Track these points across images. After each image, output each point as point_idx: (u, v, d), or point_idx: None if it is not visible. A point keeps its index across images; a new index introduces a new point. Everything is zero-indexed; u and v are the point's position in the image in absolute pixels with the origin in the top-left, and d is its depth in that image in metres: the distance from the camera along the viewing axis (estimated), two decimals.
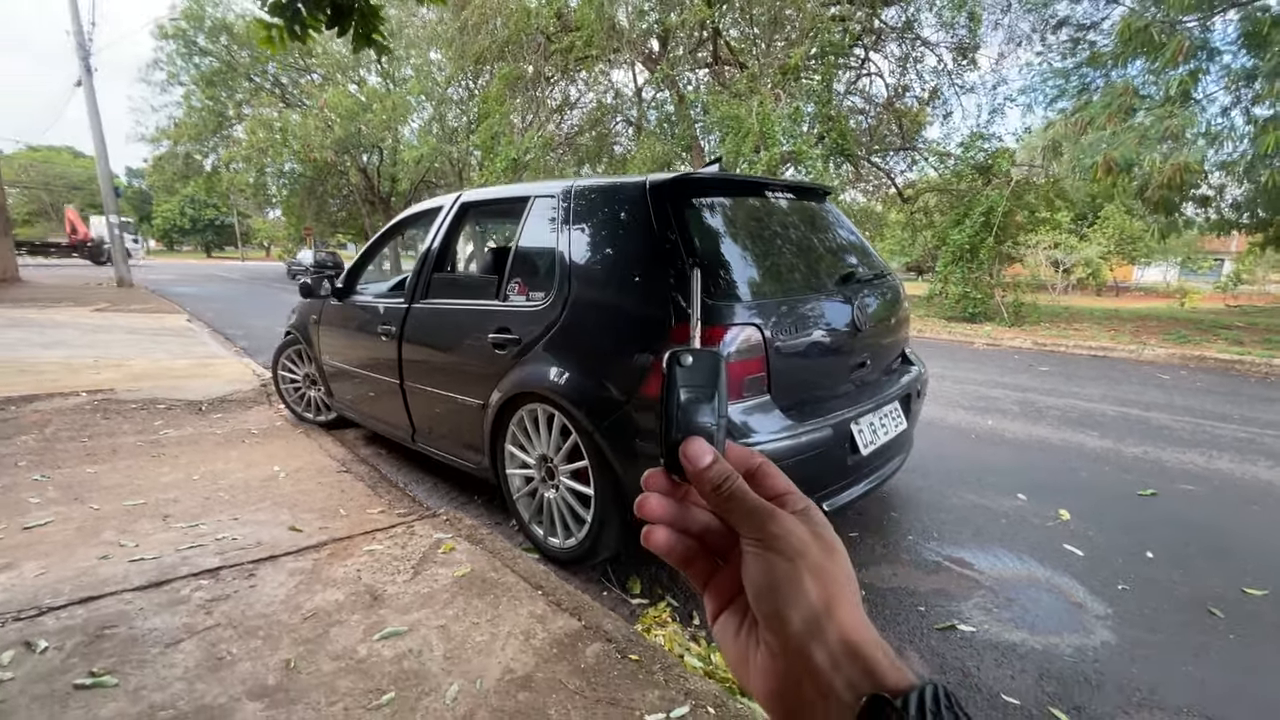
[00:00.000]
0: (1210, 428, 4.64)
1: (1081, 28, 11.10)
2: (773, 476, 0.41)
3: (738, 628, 0.39)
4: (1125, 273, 24.74)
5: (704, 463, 0.39)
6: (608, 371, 2.31)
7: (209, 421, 4.26)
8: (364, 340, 3.63)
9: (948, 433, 4.47)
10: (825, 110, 11.92)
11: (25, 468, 3.26)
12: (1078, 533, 2.91)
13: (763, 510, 0.37)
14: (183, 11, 20.75)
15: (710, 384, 0.41)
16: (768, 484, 0.41)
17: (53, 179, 49.11)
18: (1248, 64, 8.98)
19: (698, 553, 0.42)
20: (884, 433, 2.59)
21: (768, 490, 0.40)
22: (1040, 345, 8.96)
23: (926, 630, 2.19)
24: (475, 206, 3.25)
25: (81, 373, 5.54)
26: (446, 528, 2.69)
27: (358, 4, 2.98)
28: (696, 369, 0.41)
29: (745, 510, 0.38)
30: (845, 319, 2.51)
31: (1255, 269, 17.85)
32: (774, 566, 0.35)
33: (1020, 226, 11.97)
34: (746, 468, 0.41)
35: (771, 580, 0.35)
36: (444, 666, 1.77)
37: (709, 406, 0.41)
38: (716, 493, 0.39)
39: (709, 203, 2.49)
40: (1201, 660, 2.04)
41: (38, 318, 9.14)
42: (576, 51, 12.81)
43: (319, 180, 24.07)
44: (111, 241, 16.00)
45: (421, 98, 20.30)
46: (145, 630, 1.90)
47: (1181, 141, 8.60)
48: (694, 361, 0.41)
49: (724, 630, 0.40)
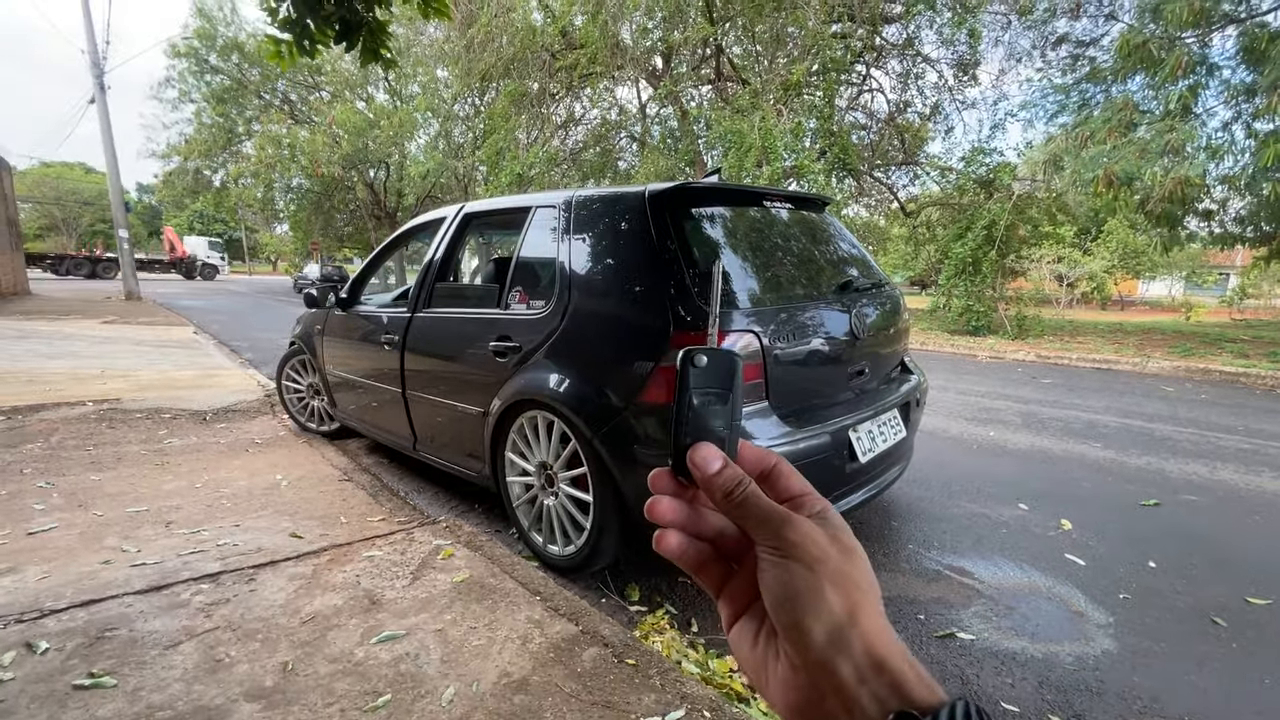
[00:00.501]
0: (1214, 439, 4.62)
1: (1081, 44, 11.22)
2: (788, 477, 0.40)
3: (755, 636, 0.37)
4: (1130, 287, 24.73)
5: (713, 468, 0.37)
6: (607, 379, 2.33)
7: (213, 431, 4.29)
8: (367, 350, 3.66)
9: (950, 443, 4.46)
10: (827, 126, 12.04)
11: (31, 475, 3.29)
12: (1079, 542, 2.90)
13: (778, 516, 0.36)
14: (195, 31, 21.15)
15: (725, 387, 0.40)
16: (783, 485, 0.39)
17: (64, 194, 49.73)
18: (1247, 79, 9.04)
19: (711, 557, 0.40)
20: (883, 441, 2.59)
21: (783, 491, 0.39)
22: (1044, 358, 8.95)
23: (926, 638, 2.18)
24: (478, 217, 3.29)
25: (88, 383, 5.60)
26: (446, 534, 2.70)
27: (366, 19, 3.05)
28: (711, 370, 0.40)
29: (760, 517, 0.36)
30: (843, 327, 2.53)
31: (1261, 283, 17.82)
32: (793, 575, 0.34)
33: (1023, 240, 12.00)
34: (761, 468, 0.40)
35: (790, 590, 0.34)
36: (441, 670, 1.77)
37: (723, 410, 0.39)
38: (728, 499, 0.37)
39: (708, 212, 2.52)
40: (1204, 669, 2.02)
41: (46, 329, 9.23)
42: (581, 68, 12.99)
43: (326, 195, 24.35)
44: (120, 255, 16.16)
45: (428, 114, 20.55)
46: (145, 633, 1.91)
47: (1182, 155, 8.64)
48: (709, 362, 0.40)
49: (740, 638, 0.38)
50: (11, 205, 15.78)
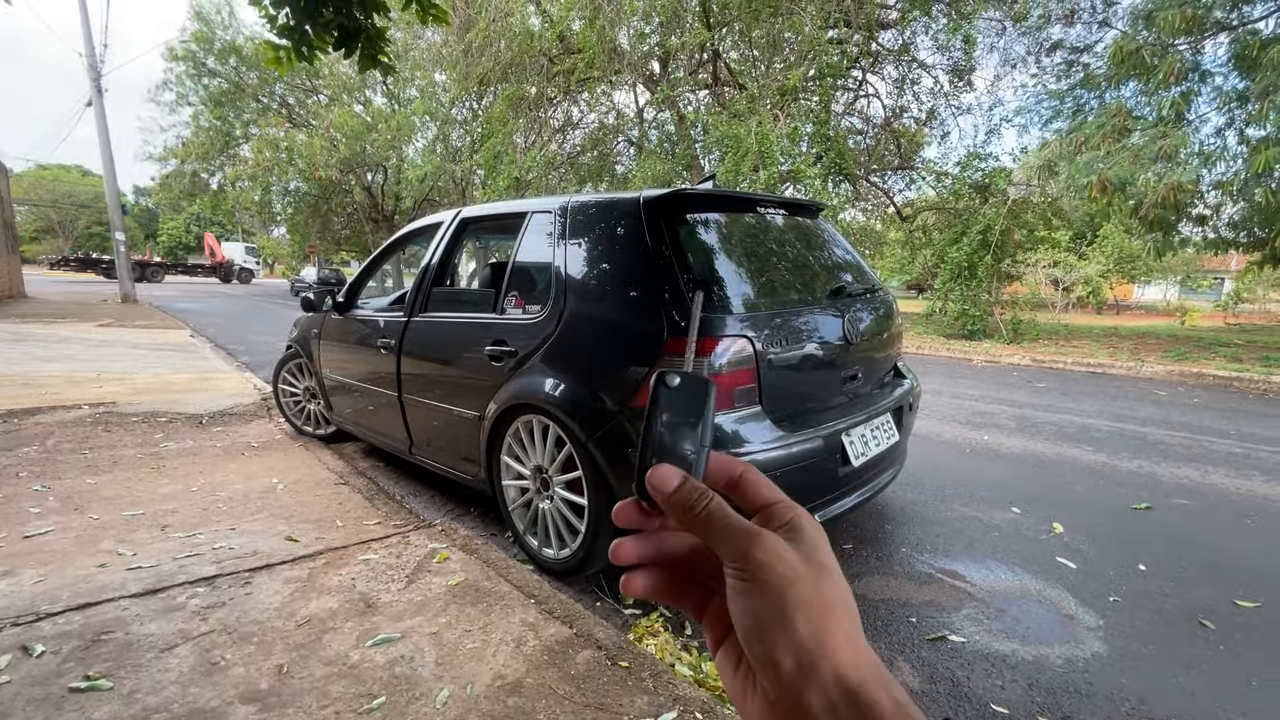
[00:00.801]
0: (1206, 443, 4.66)
1: (1075, 50, 11.31)
2: (757, 485, 0.37)
3: (736, 662, 0.35)
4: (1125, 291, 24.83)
5: (671, 486, 0.35)
6: (602, 383, 2.35)
7: (209, 434, 4.29)
8: (364, 353, 3.67)
9: (943, 447, 4.49)
10: (823, 130, 12.10)
11: (27, 478, 3.30)
12: (1070, 546, 2.92)
13: (742, 533, 0.33)
14: (193, 34, 21.16)
15: (696, 410, 0.38)
16: (752, 494, 0.37)
17: (61, 197, 49.68)
18: (1239, 85, 9.13)
19: (689, 581, 0.38)
20: (875, 445, 2.61)
21: (753, 500, 0.37)
22: (1039, 362, 8.99)
23: (918, 641, 2.20)
24: (474, 222, 3.31)
25: (84, 386, 5.59)
26: (442, 538, 2.71)
27: (365, 26, 3.07)
28: (683, 393, 0.38)
29: (724, 533, 0.34)
30: (836, 332, 2.55)
31: (1255, 287, 17.94)
32: (760, 601, 0.32)
33: (1019, 245, 12.07)
34: (728, 478, 0.37)
35: (758, 620, 0.32)
36: (435, 672, 1.78)
37: (692, 434, 0.38)
38: (690, 516, 0.35)
39: (703, 218, 2.55)
40: (1192, 671, 2.04)
41: (43, 333, 9.22)
42: (578, 73, 13.04)
43: (324, 198, 24.33)
44: (116, 258, 16.14)
45: (426, 118, 20.59)
46: (141, 636, 1.92)
47: (1175, 161, 8.70)
48: (681, 384, 0.39)
49: (724, 662, 0.36)
50: (8, 208, 15.75)
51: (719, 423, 2.09)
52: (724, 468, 0.38)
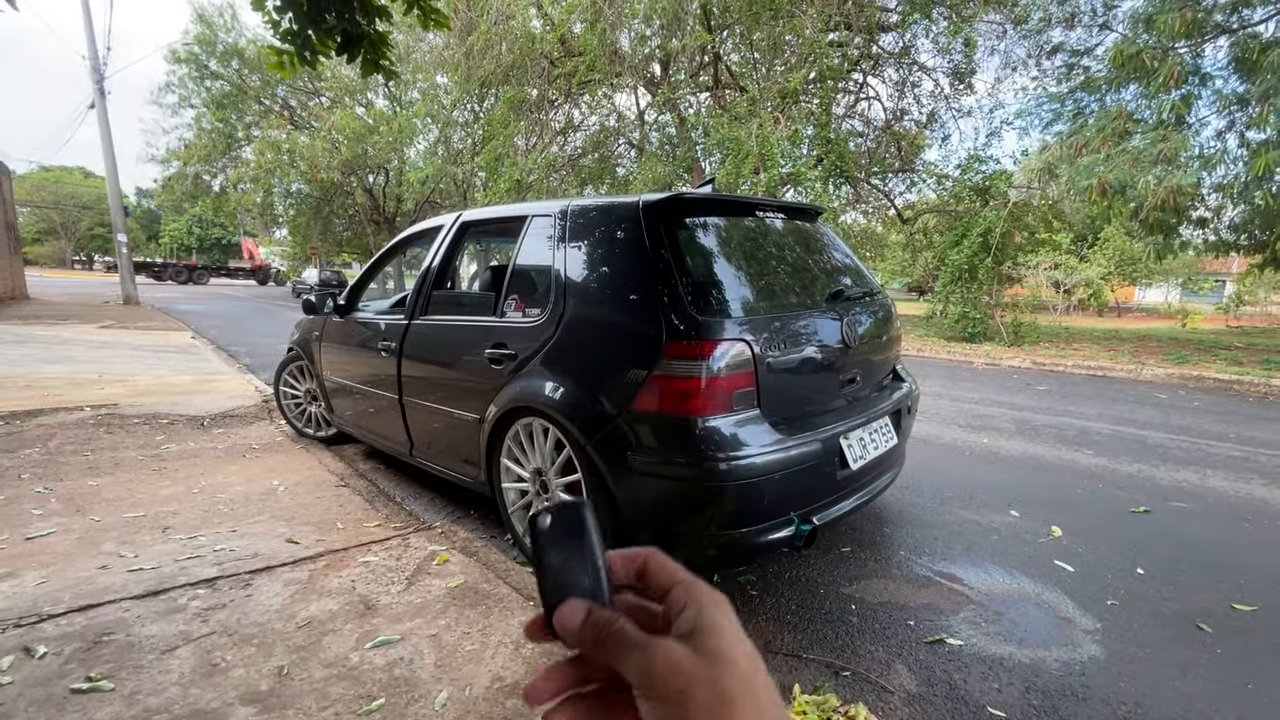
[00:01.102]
0: (1205, 446, 4.66)
1: (1075, 53, 11.31)
2: (659, 570, 0.38)
3: None
4: (1126, 294, 24.83)
5: (576, 622, 0.35)
6: (601, 386, 2.36)
7: (210, 436, 4.31)
8: (364, 356, 3.69)
9: (942, 450, 4.50)
10: (824, 133, 12.12)
11: (29, 480, 3.31)
12: (1069, 549, 2.92)
13: (640, 648, 0.33)
14: (196, 37, 21.22)
15: (577, 537, 0.38)
16: (658, 578, 0.37)
17: (63, 198, 49.81)
18: (1239, 89, 9.14)
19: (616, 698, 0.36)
20: (874, 448, 2.62)
21: (659, 585, 0.37)
22: (1039, 365, 8.99)
23: (915, 644, 2.20)
24: (475, 225, 3.32)
25: (86, 388, 5.61)
26: (441, 540, 2.72)
27: (367, 32, 3.09)
28: (560, 526, 0.38)
29: (625, 654, 0.33)
30: (835, 335, 2.56)
31: (1256, 290, 17.95)
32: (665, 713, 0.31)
33: (1019, 247, 12.08)
34: (635, 570, 0.38)
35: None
36: (434, 674, 1.79)
37: (582, 562, 0.38)
38: (598, 646, 0.34)
39: (702, 222, 2.56)
40: (1189, 675, 2.05)
41: (44, 334, 9.24)
42: (580, 76, 13.07)
43: (325, 200, 24.39)
44: (119, 259, 16.18)
45: (427, 120, 20.62)
46: (142, 637, 1.93)
47: (1175, 164, 8.71)
48: (555, 520, 0.39)
49: None
50: (10, 209, 15.79)
51: (718, 425, 2.10)
52: (627, 562, 0.38)
